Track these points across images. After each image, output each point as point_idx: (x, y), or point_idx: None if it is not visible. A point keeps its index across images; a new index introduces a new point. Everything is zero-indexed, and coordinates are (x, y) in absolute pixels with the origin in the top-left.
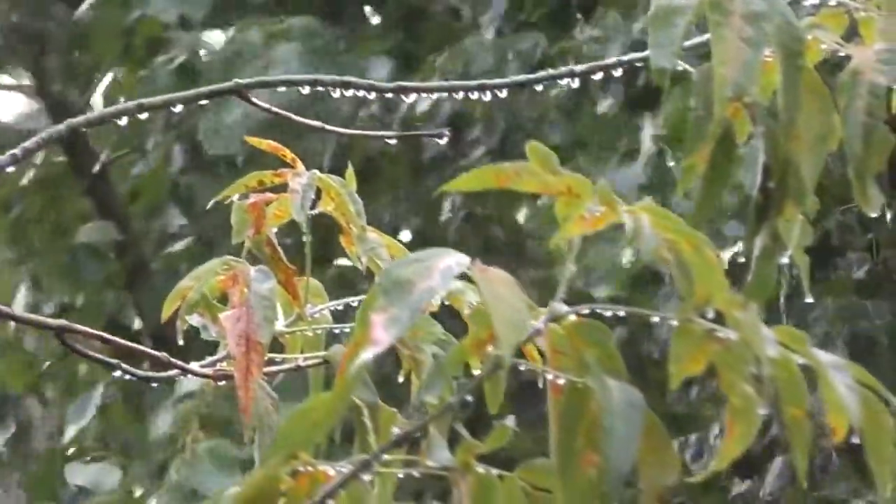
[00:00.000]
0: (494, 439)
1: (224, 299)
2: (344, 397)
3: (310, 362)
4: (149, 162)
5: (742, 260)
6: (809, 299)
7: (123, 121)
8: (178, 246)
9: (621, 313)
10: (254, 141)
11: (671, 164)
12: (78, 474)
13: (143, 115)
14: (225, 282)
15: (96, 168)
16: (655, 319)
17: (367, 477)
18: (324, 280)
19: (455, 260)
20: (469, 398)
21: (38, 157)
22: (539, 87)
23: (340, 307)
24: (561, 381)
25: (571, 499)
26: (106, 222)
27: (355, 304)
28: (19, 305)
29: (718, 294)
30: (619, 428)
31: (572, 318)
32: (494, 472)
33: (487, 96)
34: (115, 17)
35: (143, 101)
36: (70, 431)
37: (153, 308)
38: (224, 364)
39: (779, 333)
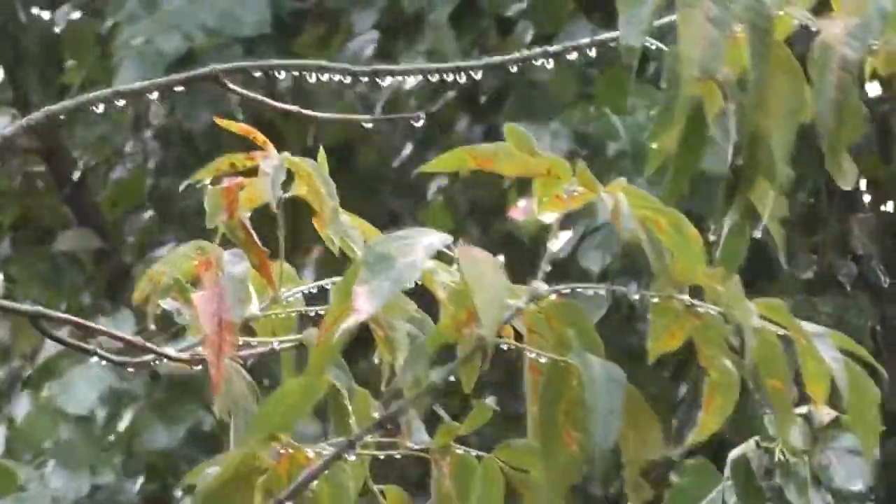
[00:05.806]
0: (475, 419)
1: (197, 284)
2: (321, 369)
3: (284, 345)
4: (125, 166)
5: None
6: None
7: (100, 108)
8: (160, 252)
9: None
10: (223, 123)
11: None
12: None
13: (121, 103)
14: (198, 266)
15: (76, 175)
16: (636, 297)
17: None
18: (306, 264)
19: (437, 238)
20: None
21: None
22: (514, 68)
23: (314, 290)
24: (542, 360)
25: (553, 476)
26: (85, 229)
27: (328, 286)
28: None
29: (698, 269)
30: (601, 402)
31: (552, 297)
32: (473, 452)
33: (462, 78)
34: (89, 26)
35: (120, 87)
36: None
37: None
38: (200, 349)
39: (758, 306)
